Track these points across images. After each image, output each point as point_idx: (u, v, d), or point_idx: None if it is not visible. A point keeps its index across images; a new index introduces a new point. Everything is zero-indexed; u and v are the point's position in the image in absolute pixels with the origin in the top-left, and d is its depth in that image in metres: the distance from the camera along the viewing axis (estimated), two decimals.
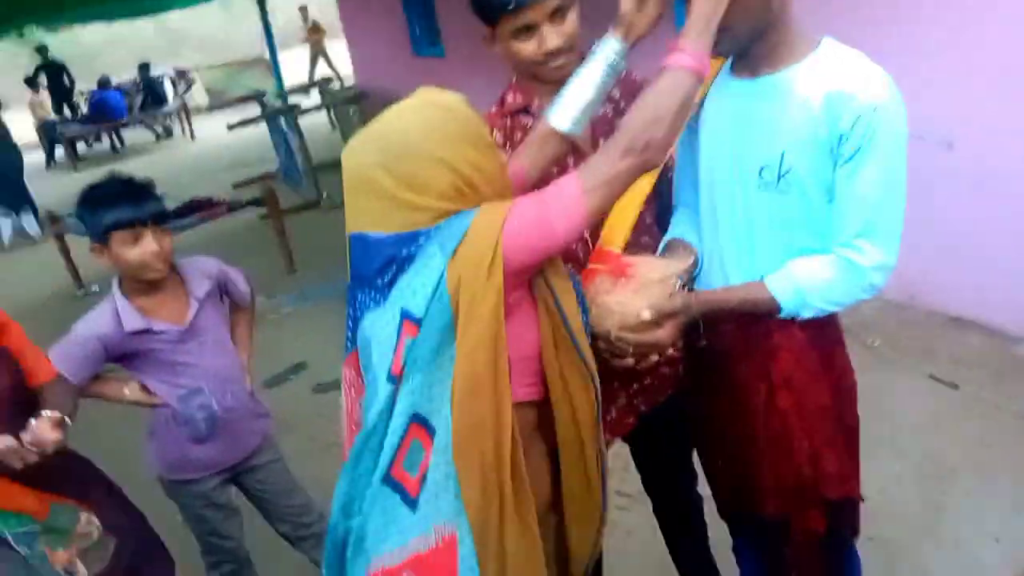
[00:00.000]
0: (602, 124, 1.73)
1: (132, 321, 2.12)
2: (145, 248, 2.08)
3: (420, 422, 1.30)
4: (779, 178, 1.46)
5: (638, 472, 2.13)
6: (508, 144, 1.74)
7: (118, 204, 2.04)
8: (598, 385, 1.42)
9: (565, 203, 1.28)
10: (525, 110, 1.74)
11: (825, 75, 1.41)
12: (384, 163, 1.28)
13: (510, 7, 1.55)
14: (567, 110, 1.52)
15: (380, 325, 1.34)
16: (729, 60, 1.57)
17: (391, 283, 1.32)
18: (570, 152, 1.66)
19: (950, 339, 3.59)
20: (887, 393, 3.24)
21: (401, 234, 1.29)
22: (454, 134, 1.29)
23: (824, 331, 1.57)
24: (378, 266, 1.32)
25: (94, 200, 2.07)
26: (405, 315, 1.29)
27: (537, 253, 1.29)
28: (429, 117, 1.30)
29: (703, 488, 1.99)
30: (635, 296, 1.45)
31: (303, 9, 15.71)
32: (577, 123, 1.52)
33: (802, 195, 1.46)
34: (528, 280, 1.35)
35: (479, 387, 1.27)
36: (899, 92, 1.41)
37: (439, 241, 1.27)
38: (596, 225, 1.66)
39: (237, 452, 2.37)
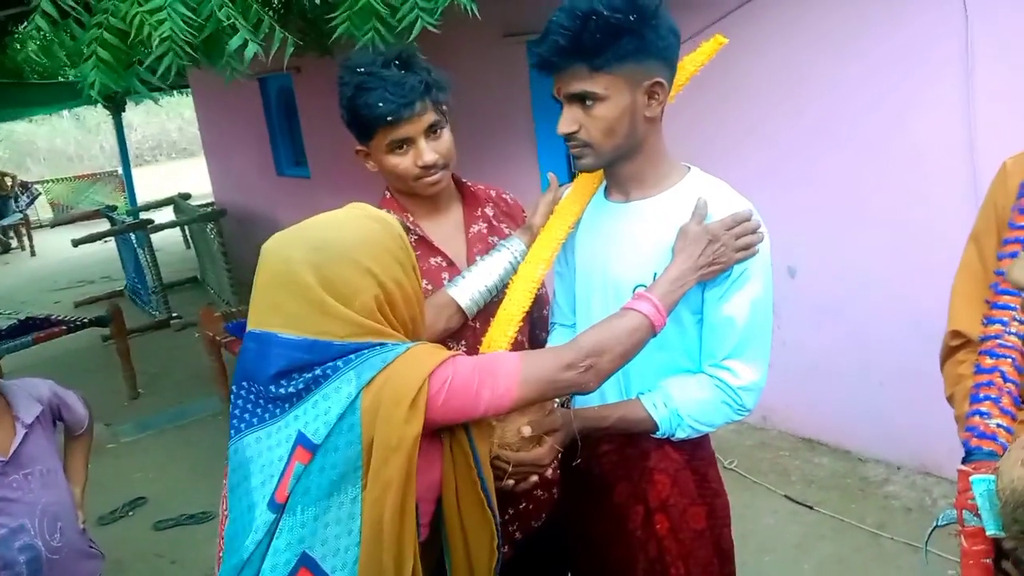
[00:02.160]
0: (476, 241, 1.77)
1: None
2: None
3: (309, 566, 1.19)
4: None
5: None
6: None
7: None
8: (500, 534, 1.35)
9: (498, 382, 1.26)
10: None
11: (692, 203, 1.47)
12: (313, 262, 1.23)
13: (388, 119, 1.56)
14: (469, 289, 1.62)
15: (267, 445, 1.24)
16: (603, 184, 1.62)
17: (291, 399, 1.22)
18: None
19: (803, 460, 3.73)
20: (747, 514, 3.30)
21: (311, 340, 1.22)
22: (386, 249, 1.27)
23: (698, 452, 1.58)
24: (277, 370, 1.23)
25: None
26: (300, 440, 1.20)
27: (453, 415, 1.25)
28: (365, 228, 1.28)
29: None
30: (514, 412, 1.41)
31: None
32: (474, 302, 1.62)
33: (674, 316, 1.49)
34: None
35: (384, 534, 1.18)
36: (762, 221, 1.48)
37: (355, 369, 1.20)
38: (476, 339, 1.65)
39: None
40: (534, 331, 1.88)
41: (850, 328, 3.55)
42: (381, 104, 1.57)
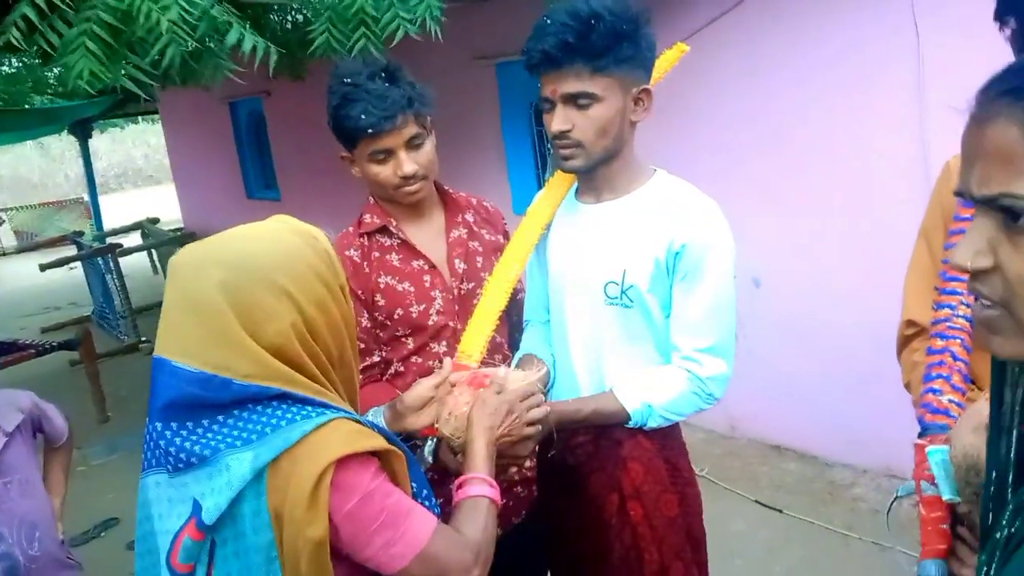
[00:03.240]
0: (457, 246, 1.83)
1: None
2: None
3: None
4: (622, 293, 1.55)
5: None
6: (366, 263, 1.78)
7: None
8: None
9: (399, 540, 1.10)
10: (383, 230, 1.79)
11: (660, 203, 1.55)
12: (225, 283, 1.08)
13: (369, 131, 1.63)
14: None
15: (166, 495, 1.13)
16: (575, 186, 1.69)
17: (180, 461, 1.09)
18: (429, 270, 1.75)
19: (771, 466, 3.81)
20: (717, 519, 3.34)
21: (208, 374, 1.07)
22: (309, 267, 1.14)
23: (668, 442, 1.64)
24: (163, 403, 1.10)
25: None
26: (195, 511, 1.08)
27: (345, 540, 1.09)
28: (287, 243, 1.14)
29: None
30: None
31: None
32: None
33: (644, 311, 1.56)
34: None
35: None
36: (724, 219, 1.56)
37: (254, 450, 1.06)
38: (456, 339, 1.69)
39: None
40: (513, 335, 1.94)
41: (815, 337, 3.65)
42: (364, 116, 1.64)
